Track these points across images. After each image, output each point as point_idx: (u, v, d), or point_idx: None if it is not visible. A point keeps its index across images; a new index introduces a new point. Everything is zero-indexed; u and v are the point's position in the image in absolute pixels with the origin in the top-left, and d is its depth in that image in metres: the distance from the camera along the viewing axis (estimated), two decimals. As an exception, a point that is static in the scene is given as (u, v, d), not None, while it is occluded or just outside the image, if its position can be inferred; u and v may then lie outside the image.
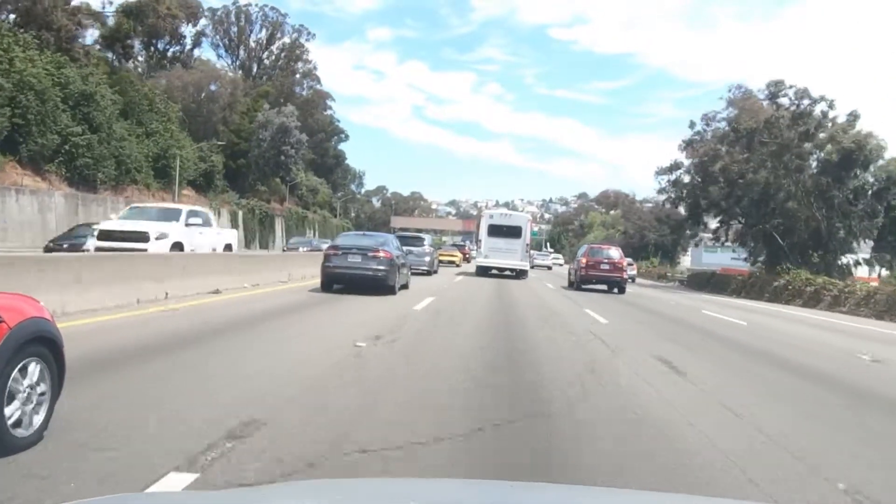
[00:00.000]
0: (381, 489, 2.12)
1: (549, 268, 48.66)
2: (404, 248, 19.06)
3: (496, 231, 26.52)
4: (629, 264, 30.01)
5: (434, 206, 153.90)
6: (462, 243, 60.50)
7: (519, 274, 26.40)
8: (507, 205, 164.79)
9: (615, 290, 22.93)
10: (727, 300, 25.92)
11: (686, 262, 70.14)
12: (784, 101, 29.34)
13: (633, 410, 5.44)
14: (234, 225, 52.28)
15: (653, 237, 70.76)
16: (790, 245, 28.80)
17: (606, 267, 22.86)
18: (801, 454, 4.50)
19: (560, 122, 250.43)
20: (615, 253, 23.87)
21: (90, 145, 34.74)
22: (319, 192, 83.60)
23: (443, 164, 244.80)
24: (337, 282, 14.64)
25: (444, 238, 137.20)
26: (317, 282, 15.28)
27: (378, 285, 14.24)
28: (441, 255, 35.95)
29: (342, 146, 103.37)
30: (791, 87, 28.85)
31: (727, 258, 58.81)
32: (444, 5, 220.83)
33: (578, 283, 23.21)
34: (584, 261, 23.23)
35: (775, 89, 28.81)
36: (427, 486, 2.38)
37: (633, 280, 36.38)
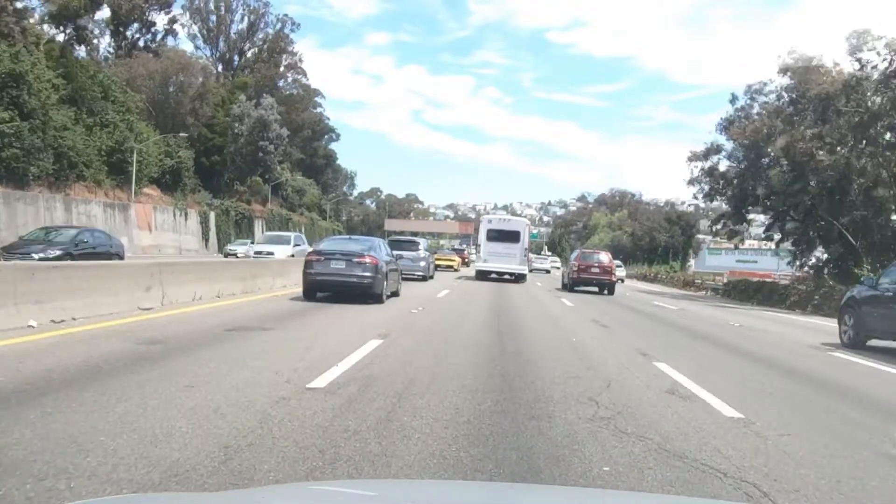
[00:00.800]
0: (381, 490, 2.10)
1: (548, 271, 47.87)
2: (397, 252, 18.74)
3: (495, 236, 26.78)
4: (618, 266, 31.82)
5: (432, 210, 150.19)
6: (461, 248, 59.85)
7: (518, 278, 26.68)
8: (505, 208, 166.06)
9: (605, 291, 24.09)
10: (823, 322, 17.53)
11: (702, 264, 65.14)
12: (871, 56, 22.61)
13: None
14: (206, 228, 46.99)
15: (663, 238, 65.76)
16: (867, 246, 23.34)
17: (597, 270, 24.22)
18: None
19: (558, 126, 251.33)
20: (605, 257, 25.40)
21: (19, 134, 29.37)
22: (307, 193, 78.30)
23: (441, 167, 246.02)
24: (320, 289, 13.61)
25: (441, 242, 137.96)
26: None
27: (364, 293, 13.33)
28: (439, 259, 35.81)
29: (333, 146, 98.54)
30: (880, 38, 22.12)
31: (732, 260, 54.08)
32: (442, 9, 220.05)
33: (571, 285, 24.45)
34: (576, 264, 24.61)
35: (858, 41, 22.26)
36: (427, 486, 2.42)
37: (623, 281, 37.95)
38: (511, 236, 26.71)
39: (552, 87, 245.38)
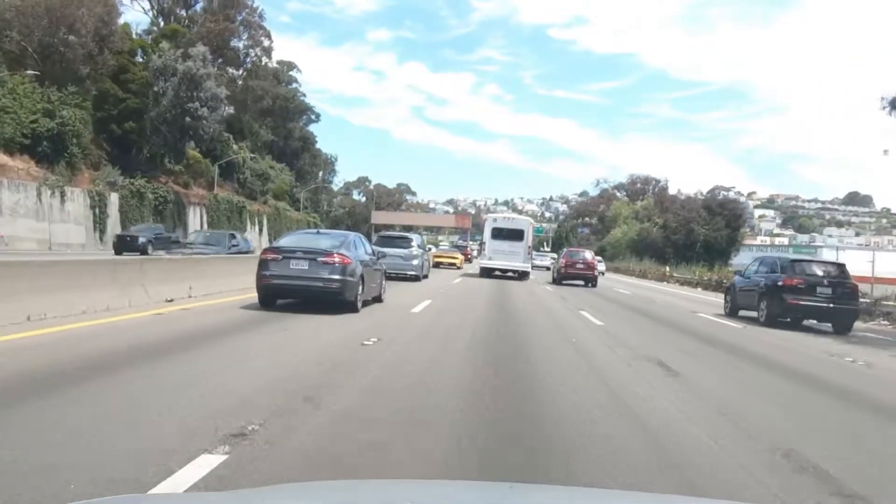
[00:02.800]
0: (380, 490, 2.12)
1: (548, 268, 47.71)
2: (387, 249, 18.64)
3: (499, 234, 27.41)
4: (598, 261, 34.76)
5: (431, 206, 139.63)
6: (462, 244, 59.73)
7: (521, 275, 27.35)
8: (506, 203, 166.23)
9: (589, 284, 27.21)
10: None
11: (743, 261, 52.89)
12: None
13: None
14: (101, 214, 34.50)
15: (703, 231, 53.57)
16: None
17: (581, 266, 27.77)
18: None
19: (559, 123, 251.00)
20: (588, 255, 29.51)
21: None
22: (273, 179, 65.77)
23: (441, 164, 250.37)
24: (278, 295, 11.23)
25: (439, 238, 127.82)
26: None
27: (332, 300, 10.95)
28: (440, 256, 38.22)
29: (314, 129, 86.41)
30: None
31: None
32: (444, 6, 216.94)
33: (559, 279, 28.10)
34: (563, 262, 28.64)
35: None
36: (426, 487, 2.42)
37: (603, 274, 40.41)
38: (515, 235, 27.23)
39: (553, 85, 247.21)
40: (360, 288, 11.47)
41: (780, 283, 14.41)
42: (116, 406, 4.64)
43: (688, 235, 54.45)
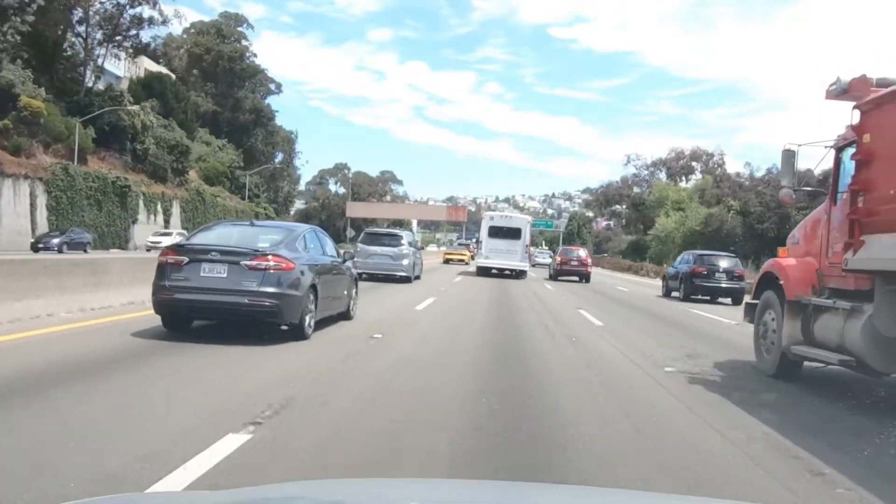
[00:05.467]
0: (380, 490, 2.06)
1: (549, 265, 48.43)
2: (375, 247, 19.50)
3: (497, 232, 27.20)
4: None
5: (431, 203, 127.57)
6: (466, 243, 60.68)
7: (518, 274, 27.17)
8: (507, 201, 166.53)
9: (583, 280, 28.01)
10: None
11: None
12: None
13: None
14: None
15: (800, 219, 37.04)
16: None
17: (576, 263, 28.74)
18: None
19: (560, 121, 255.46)
20: (582, 252, 30.67)
21: None
22: (192, 154, 48.04)
23: (442, 163, 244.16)
24: (187, 314, 7.79)
25: (437, 236, 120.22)
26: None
27: (263, 322, 7.66)
28: (451, 254, 45.63)
29: (273, 102, 69.31)
30: None
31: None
32: (444, 6, 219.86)
33: (555, 275, 28.99)
34: (559, 259, 29.97)
35: None
36: (426, 486, 2.40)
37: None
38: (513, 233, 27.02)
39: (554, 83, 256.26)
40: (311, 304, 8.05)
41: (690, 271, 19.94)
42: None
43: (781, 224, 37.17)
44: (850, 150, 5.99)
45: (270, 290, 7.36)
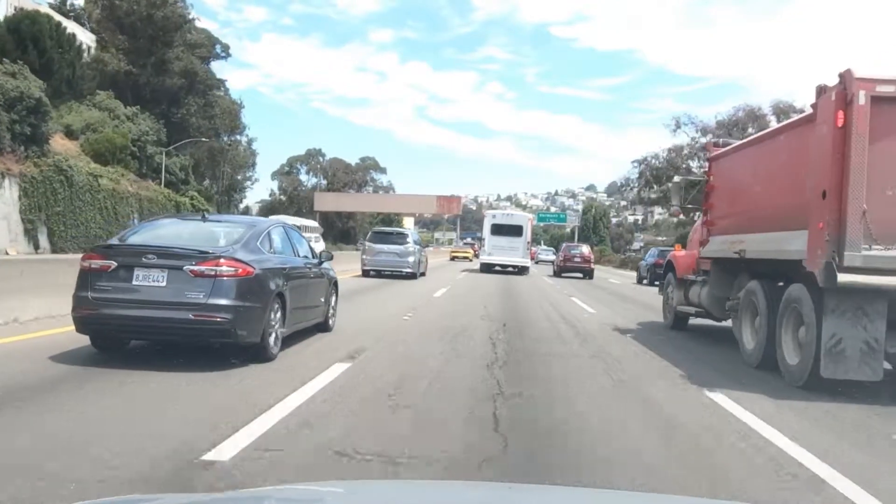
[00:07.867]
0: (381, 491, 2.09)
1: (553, 263, 49.02)
2: (382, 245, 20.87)
3: (499, 230, 28.20)
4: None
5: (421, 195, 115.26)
6: (471, 241, 64.17)
7: (520, 270, 28.36)
8: (509, 199, 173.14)
9: (585, 276, 29.46)
10: None
11: None
12: None
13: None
14: None
15: None
16: None
17: (578, 260, 30.44)
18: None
19: (561, 119, 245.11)
20: (585, 249, 32.62)
21: None
22: (50, 115, 32.66)
23: (444, 162, 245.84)
24: (117, 333, 6.51)
25: (435, 235, 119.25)
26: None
27: (213, 341, 6.42)
28: (457, 252, 49.62)
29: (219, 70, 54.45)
30: None
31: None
32: (446, 6, 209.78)
33: (559, 271, 30.67)
34: (562, 256, 31.69)
35: None
36: (426, 487, 2.43)
37: None
38: (514, 230, 27.95)
39: (556, 82, 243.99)
40: (278, 315, 6.82)
41: (653, 262, 24.80)
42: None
43: None
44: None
45: (222, 301, 6.10)
